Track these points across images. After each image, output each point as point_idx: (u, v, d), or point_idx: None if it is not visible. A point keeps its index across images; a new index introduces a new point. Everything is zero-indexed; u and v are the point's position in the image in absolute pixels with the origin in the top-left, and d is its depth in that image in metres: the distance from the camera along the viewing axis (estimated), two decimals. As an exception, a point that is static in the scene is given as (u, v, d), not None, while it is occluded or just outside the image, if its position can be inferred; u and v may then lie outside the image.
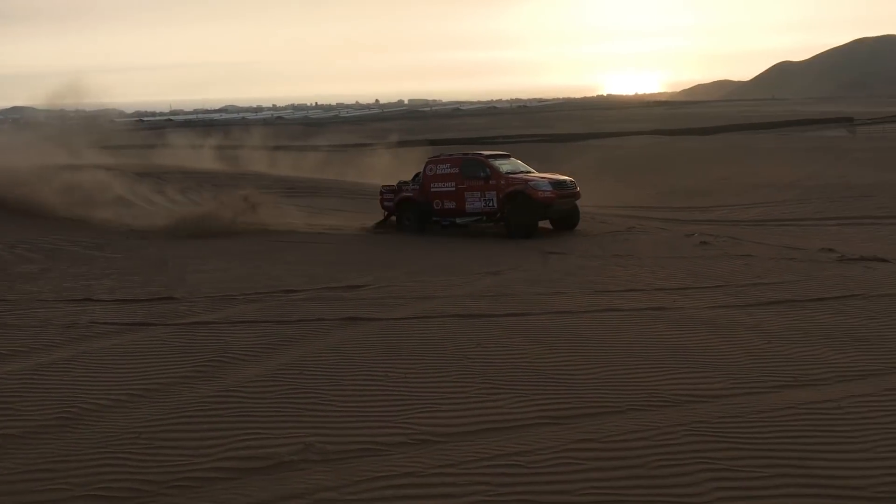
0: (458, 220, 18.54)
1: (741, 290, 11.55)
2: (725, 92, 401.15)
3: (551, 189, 17.67)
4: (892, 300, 10.80)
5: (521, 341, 8.44)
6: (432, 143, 57.40)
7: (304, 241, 17.15)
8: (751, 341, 8.66)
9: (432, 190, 18.79)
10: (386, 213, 19.80)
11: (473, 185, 18.21)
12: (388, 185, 20.23)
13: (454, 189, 18.44)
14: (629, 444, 5.61)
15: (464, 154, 19.69)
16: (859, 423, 6.12)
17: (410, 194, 19.18)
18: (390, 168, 31.66)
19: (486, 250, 15.55)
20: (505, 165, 18.68)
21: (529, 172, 18.70)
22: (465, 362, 7.59)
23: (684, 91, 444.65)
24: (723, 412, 6.37)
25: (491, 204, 18.01)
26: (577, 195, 18.38)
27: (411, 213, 19.01)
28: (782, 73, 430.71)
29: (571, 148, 58.06)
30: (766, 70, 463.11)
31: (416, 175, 19.79)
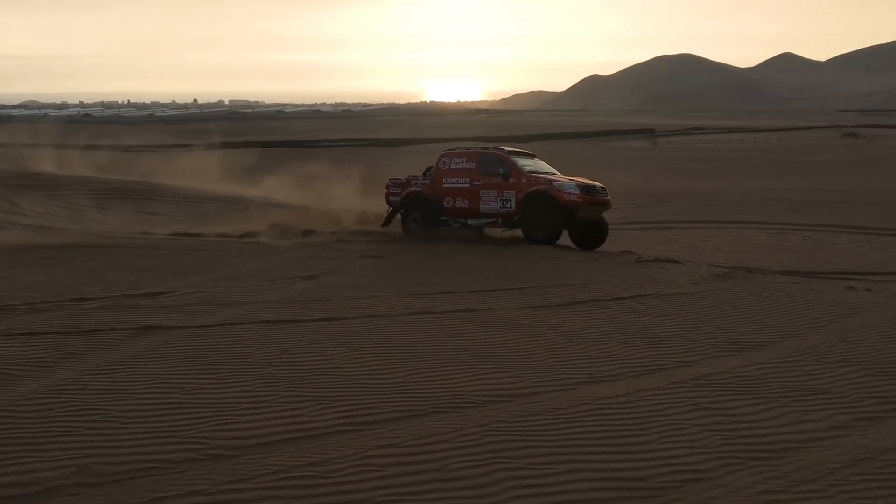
0: (469, 222, 17.03)
1: (548, 290, 11.99)
2: (541, 102, 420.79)
3: (578, 192, 16.00)
4: (681, 298, 11.61)
5: (331, 346, 8.26)
6: (264, 145, 55.84)
7: (108, 246, 16.02)
8: (553, 340, 8.97)
9: (444, 186, 17.17)
10: (390, 209, 18.12)
11: (490, 183, 16.61)
12: (396, 179, 18.33)
13: (468, 186, 16.82)
14: (429, 448, 5.58)
15: (483, 148, 18.06)
16: (646, 416, 6.45)
17: (419, 189, 17.45)
18: (205, 170, 30.43)
19: (304, 254, 15.20)
20: (528, 165, 17.10)
21: (554, 174, 17.15)
22: (269, 370, 7.31)
23: (503, 100, 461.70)
24: (523, 411, 6.50)
25: (508, 205, 16.45)
26: (607, 204, 16.67)
27: (419, 211, 17.36)
28: (592, 86, 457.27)
29: (397, 153, 58.57)
30: (578, 82, 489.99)
31: (428, 169, 18.04)
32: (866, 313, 10.82)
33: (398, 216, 18.37)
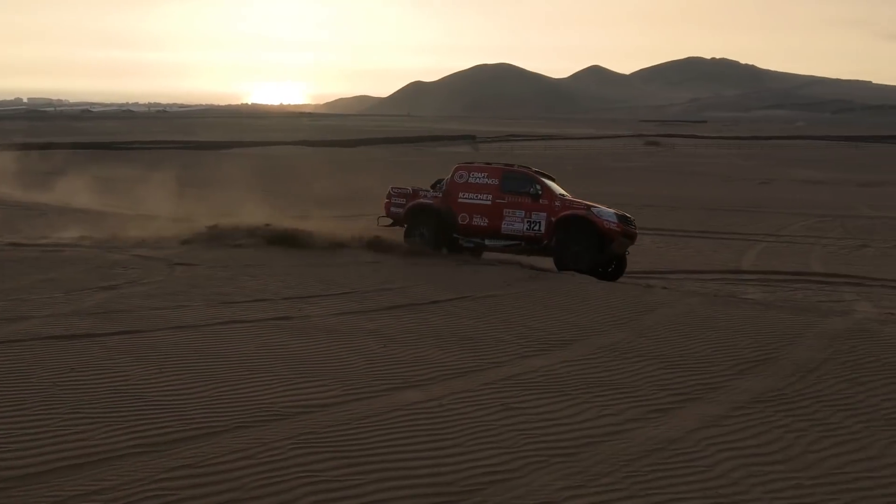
0: (486, 242, 15.72)
1: (367, 296, 11.89)
2: (366, 106, 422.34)
3: (616, 222, 14.95)
4: (495, 300, 11.87)
5: (127, 362, 7.69)
6: (70, 146, 51.94)
7: None
8: (368, 346, 8.87)
9: (460, 200, 15.80)
10: (391, 220, 16.57)
11: (517, 203, 15.41)
12: (400, 188, 16.77)
13: (490, 203, 15.56)
14: (230, 466, 5.29)
15: (506, 165, 16.58)
16: (456, 419, 6.47)
17: (429, 201, 16.09)
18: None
19: (105, 263, 14.18)
20: (554, 187, 15.99)
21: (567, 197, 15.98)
22: (53, 391, 6.68)
23: (328, 104, 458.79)
24: (333, 420, 6.34)
25: (536, 228, 15.19)
26: (635, 238, 15.72)
27: (427, 225, 15.95)
28: (416, 92, 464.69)
29: (217, 156, 56.44)
30: (402, 88, 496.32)
31: (437, 182, 16.60)
32: (662, 310, 11.55)
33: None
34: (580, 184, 40.69)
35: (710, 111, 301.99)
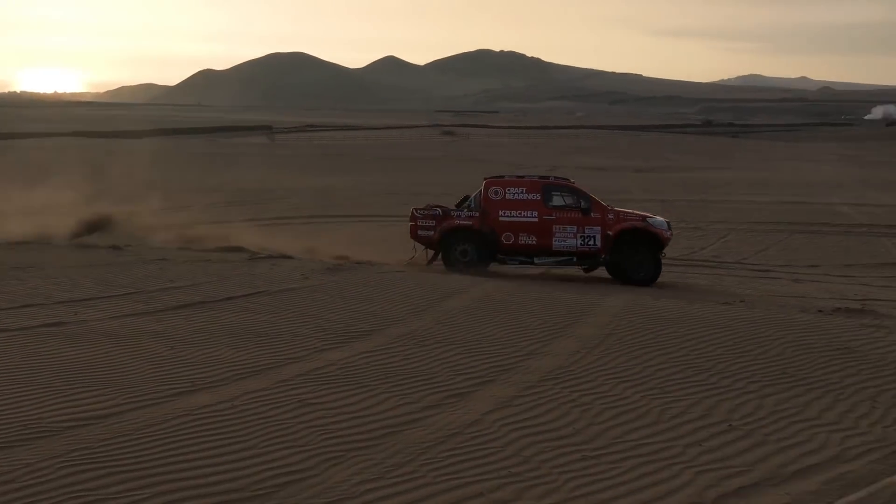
0: (536, 261, 15.08)
1: (152, 295, 11.17)
2: (151, 95, 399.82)
3: (668, 230, 15.01)
4: (293, 294, 11.57)
5: None
6: None
7: None
8: (154, 349, 8.32)
9: (501, 219, 14.97)
10: (425, 246, 15.39)
11: (566, 218, 14.86)
12: (425, 209, 15.43)
13: (536, 220, 14.89)
14: (-14, 495, 4.70)
15: (542, 177, 15.92)
16: (248, 421, 6.19)
17: (468, 222, 15.05)
18: None
19: None
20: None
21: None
22: None
23: (109, 92, 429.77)
24: (110, 433, 5.84)
25: (591, 242, 14.76)
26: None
27: (469, 246, 14.93)
28: (206, 81, 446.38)
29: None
30: (191, 76, 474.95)
31: (465, 199, 15.54)
32: (459, 296, 11.79)
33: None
34: (378, 174, 41.04)
35: (500, 102, 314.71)
